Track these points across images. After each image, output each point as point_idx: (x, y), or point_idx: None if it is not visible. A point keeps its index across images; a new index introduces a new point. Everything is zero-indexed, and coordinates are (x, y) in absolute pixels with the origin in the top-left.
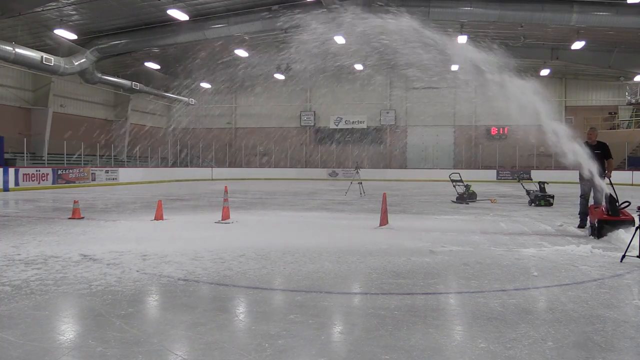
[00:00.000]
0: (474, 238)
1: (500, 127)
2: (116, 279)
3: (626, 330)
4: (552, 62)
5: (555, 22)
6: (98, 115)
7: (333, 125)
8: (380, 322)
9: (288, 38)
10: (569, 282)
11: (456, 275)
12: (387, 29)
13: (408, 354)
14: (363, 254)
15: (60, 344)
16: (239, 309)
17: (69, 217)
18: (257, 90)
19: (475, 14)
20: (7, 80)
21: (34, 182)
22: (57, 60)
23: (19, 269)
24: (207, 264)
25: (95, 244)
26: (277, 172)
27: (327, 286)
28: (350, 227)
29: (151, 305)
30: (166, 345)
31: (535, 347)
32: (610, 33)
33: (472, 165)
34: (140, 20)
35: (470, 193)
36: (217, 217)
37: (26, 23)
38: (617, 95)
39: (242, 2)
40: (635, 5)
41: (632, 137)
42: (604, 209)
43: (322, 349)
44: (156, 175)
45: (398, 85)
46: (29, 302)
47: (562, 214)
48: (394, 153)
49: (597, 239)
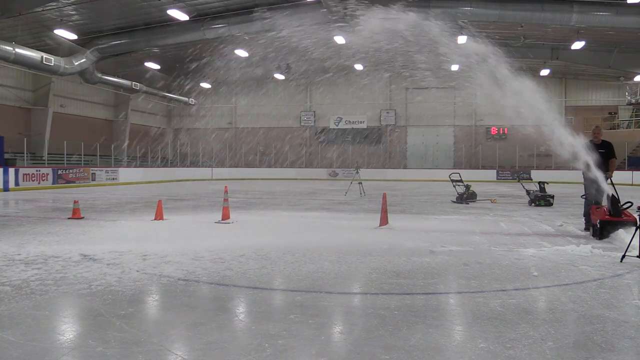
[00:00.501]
0: (474, 238)
1: (500, 127)
2: (116, 279)
3: (626, 330)
4: (552, 62)
5: (555, 22)
6: (98, 115)
7: (333, 125)
8: (380, 322)
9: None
10: (569, 282)
11: (456, 275)
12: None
13: (408, 354)
14: (363, 254)
15: (60, 344)
16: (239, 309)
17: (69, 217)
18: (257, 90)
19: (475, 14)
20: (7, 80)
21: (34, 182)
22: (57, 60)
23: (19, 269)
24: (207, 264)
25: (95, 244)
26: (277, 172)
27: (327, 286)
28: (350, 227)
29: (151, 305)
30: (166, 345)
31: (535, 347)
32: (610, 33)
33: (472, 165)
34: (140, 20)
35: (470, 193)
36: (217, 217)
37: (26, 23)
38: (617, 95)
39: (242, 2)
40: (635, 5)
41: (632, 137)
42: (606, 210)
43: (322, 349)
44: (156, 175)
45: (398, 85)
46: (29, 302)
47: (562, 214)
48: (394, 153)
49: (599, 239)
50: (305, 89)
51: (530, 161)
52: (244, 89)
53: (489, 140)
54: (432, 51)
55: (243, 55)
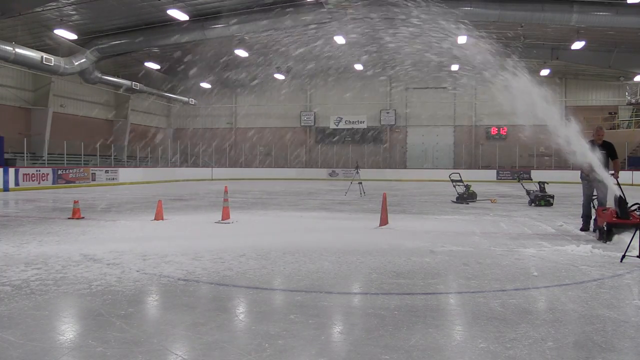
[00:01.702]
0: (474, 238)
1: (500, 127)
2: (116, 279)
3: (626, 330)
4: (552, 62)
5: (555, 22)
6: (98, 115)
7: (333, 125)
8: (380, 322)
9: (288, 38)
10: (569, 282)
11: (456, 275)
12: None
13: (408, 354)
14: (363, 254)
15: (60, 344)
16: (239, 309)
17: (69, 217)
18: (257, 90)
19: (475, 14)
20: (7, 80)
21: (34, 182)
22: (57, 60)
23: (19, 269)
24: (207, 264)
25: (95, 244)
26: (277, 172)
27: (327, 286)
28: (350, 227)
29: (151, 305)
30: (166, 345)
31: (535, 347)
32: (610, 33)
33: (472, 165)
34: (140, 20)
35: (470, 193)
36: (217, 217)
37: (26, 23)
38: (617, 95)
39: (242, 2)
40: (635, 5)
41: (632, 137)
42: (613, 212)
43: (322, 349)
44: (156, 175)
45: (398, 85)
46: (29, 302)
47: (562, 214)
48: (394, 153)
49: (605, 242)
50: (305, 89)
51: (530, 161)
52: (244, 89)
53: (489, 140)
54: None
55: (243, 55)
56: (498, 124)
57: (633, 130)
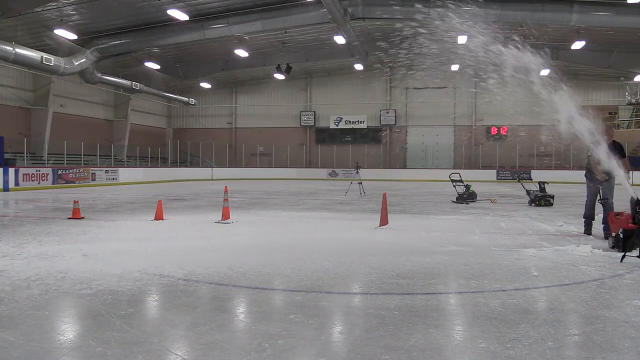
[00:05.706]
0: (474, 238)
1: (500, 127)
2: (116, 279)
3: (626, 330)
4: (552, 62)
5: (555, 22)
6: (98, 115)
7: (333, 125)
8: (380, 322)
9: (288, 38)
10: (569, 282)
11: (456, 275)
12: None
13: (408, 354)
14: (363, 254)
15: (60, 344)
16: (239, 309)
17: (69, 217)
18: (257, 90)
19: (475, 13)
20: (7, 80)
21: (34, 182)
22: (57, 60)
23: (19, 269)
24: (207, 264)
25: (95, 244)
26: (277, 172)
27: (327, 286)
28: (350, 227)
29: (151, 305)
30: (166, 345)
31: (535, 347)
32: (610, 33)
33: (472, 165)
34: (140, 20)
35: (470, 193)
36: (217, 217)
37: (26, 23)
38: (617, 95)
39: (242, 2)
40: (635, 5)
41: (632, 137)
42: (628, 217)
43: (322, 349)
44: (156, 175)
45: (398, 85)
46: (29, 302)
47: (562, 214)
48: (394, 153)
49: (622, 251)
50: (305, 89)
51: (530, 161)
52: (244, 89)
53: (489, 140)
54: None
55: (243, 55)
56: (498, 124)
57: (633, 130)
